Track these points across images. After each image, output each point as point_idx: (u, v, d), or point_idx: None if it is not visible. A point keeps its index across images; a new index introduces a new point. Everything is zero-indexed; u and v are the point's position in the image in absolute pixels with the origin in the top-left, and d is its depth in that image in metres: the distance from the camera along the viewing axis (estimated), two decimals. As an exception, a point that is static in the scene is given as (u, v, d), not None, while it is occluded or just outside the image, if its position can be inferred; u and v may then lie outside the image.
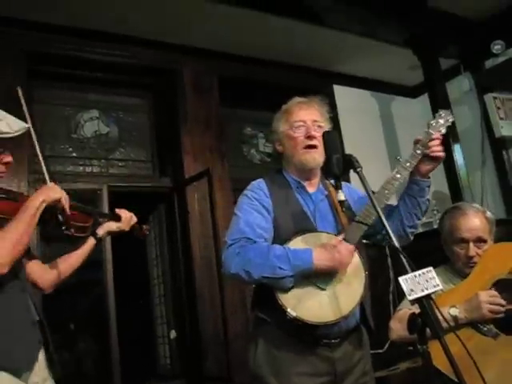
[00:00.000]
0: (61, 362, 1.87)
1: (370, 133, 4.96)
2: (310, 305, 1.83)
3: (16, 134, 1.74)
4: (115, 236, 2.34)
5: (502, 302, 2.03)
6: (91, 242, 2.16)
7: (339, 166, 1.70)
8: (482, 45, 4.68)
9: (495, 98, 4.52)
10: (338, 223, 2.02)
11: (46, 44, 3.70)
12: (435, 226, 4.75)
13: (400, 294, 2.49)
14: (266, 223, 1.98)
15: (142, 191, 4.13)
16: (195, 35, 4.11)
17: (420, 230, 4.97)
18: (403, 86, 5.44)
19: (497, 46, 4.58)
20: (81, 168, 3.97)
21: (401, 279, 1.41)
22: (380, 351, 4.20)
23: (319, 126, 2.05)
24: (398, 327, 2.20)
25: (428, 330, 1.42)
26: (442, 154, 1.98)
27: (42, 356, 1.75)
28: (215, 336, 3.74)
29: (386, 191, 1.94)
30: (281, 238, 1.95)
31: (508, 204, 4.53)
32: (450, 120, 2.02)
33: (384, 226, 1.59)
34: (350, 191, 2.18)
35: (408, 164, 1.97)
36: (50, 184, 1.83)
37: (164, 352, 4.33)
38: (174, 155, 4.14)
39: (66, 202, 1.79)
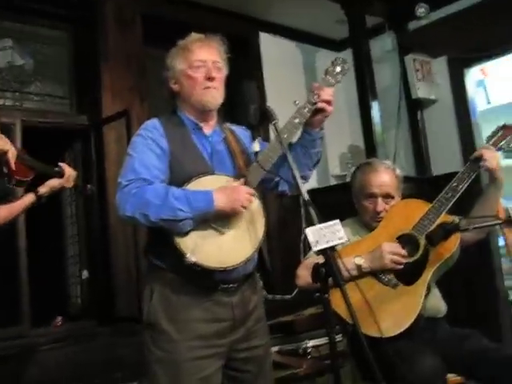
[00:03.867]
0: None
1: (292, 83, 4.99)
2: (209, 249, 1.81)
3: None
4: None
5: (403, 252, 2.17)
6: (30, 197, 2.07)
7: (256, 116, 1.72)
8: (407, 6, 4.76)
9: (414, 59, 4.65)
10: (236, 167, 2.01)
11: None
12: (348, 180, 4.92)
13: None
14: (161, 164, 1.92)
15: (57, 127, 3.96)
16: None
17: (333, 182, 5.16)
18: (329, 39, 5.47)
19: (421, 9, 4.68)
20: (-8, 100, 3.76)
21: (307, 230, 1.48)
22: (288, 297, 4.38)
23: (218, 68, 2.03)
24: (304, 274, 2.31)
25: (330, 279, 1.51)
26: (330, 108, 1.97)
27: None
28: (127, 276, 3.75)
29: (285, 136, 1.91)
30: (177, 180, 1.89)
31: (418, 163, 4.76)
32: (346, 68, 2.04)
33: (294, 176, 1.64)
34: (245, 136, 2.18)
35: (306, 110, 1.95)
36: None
37: (75, 292, 4.30)
38: (93, 92, 4.00)
39: (12, 155, 1.74)
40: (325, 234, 1.48)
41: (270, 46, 4.97)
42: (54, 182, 2.12)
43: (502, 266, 4.53)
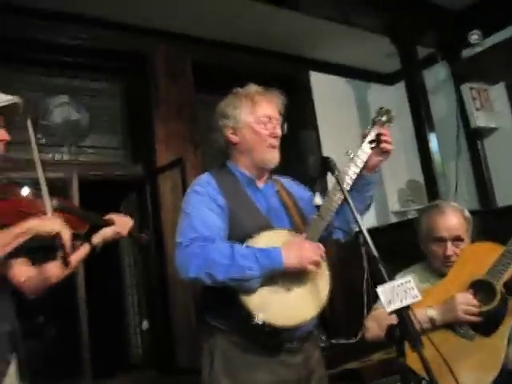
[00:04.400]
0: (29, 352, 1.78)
1: (345, 120, 4.92)
2: (276, 307, 1.73)
3: (4, 103, 1.65)
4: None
5: (477, 303, 2.02)
6: (85, 248, 2.03)
7: (316, 168, 1.64)
8: (459, 34, 4.64)
9: (471, 88, 4.49)
10: (291, 221, 1.94)
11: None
12: (410, 216, 4.76)
13: (375, 284, 2.47)
14: (221, 221, 1.83)
15: (112, 179, 4.02)
16: (168, 18, 4.00)
17: (393, 219, 5.00)
18: (380, 74, 5.40)
19: (474, 36, 4.56)
20: (50, 155, 3.84)
21: (379, 290, 1.38)
22: (352, 341, 4.21)
23: (280, 125, 1.97)
24: (373, 326, 2.17)
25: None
26: (391, 147, 1.95)
27: (13, 367, 1.66)
28: (187, 327, 3.69)
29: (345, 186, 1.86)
30: (237, 236, 1.81)
31: (481, 195, 4.55)
32: (392, 115, 1.99)
33: (358, 222, 1.55)
34: (298, 189, 2.13)
35: (359, 161, 1.92)
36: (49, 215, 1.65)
37: (136, 342, 4.27)
38: (146, 142, 4.05)
39: (67, 237, 1.61)
40: (398, 293, 1.37)
41: (320, 83, 4.92)
42: (106, 231, 2.07)
43: None
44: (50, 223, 1.60)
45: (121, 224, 2.09)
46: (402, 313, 1.36)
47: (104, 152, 4.11)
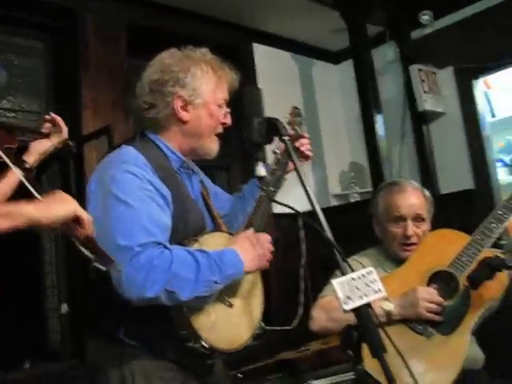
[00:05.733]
0: None
1: (288, 96, 4.68)
2: (222, 327, 1.47)
3: None
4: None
5: (441, 300, 1.83)
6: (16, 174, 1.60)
7: (262, 131, 1.36)
8: (410, 13, 4.48)
9: (420, 70, 4.34)
10: (212, 217, 1.69)
11: None
12: (351, 200, 4.60)
13: (313, 269, 2.28)
14: (167, 219, 1.48)
15: (32, 146, 3.63)
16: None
17: (334, 202, 4.83)
18: (326, 51, 5.17)
19: (425, 17, 4.40)
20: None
21: (334, 283, 1.13)
22: (288, 328, 4.02)
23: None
24: (321, 317, 1.97)
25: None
26: (310, 153, 1.93)
27: None
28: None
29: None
30: (177, 238, 1.49)
31: (425, 180, 4.41)
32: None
33: (310, 199, 1.30)
34: (206, 178, 1.87)
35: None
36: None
37: (54, 327, 3.93)
38: (72, 108, 3.66)
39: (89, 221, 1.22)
40: (357, 287, 1.13)
41: (264, 56, 4.65)
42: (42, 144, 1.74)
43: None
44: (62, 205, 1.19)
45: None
46: (362, 311, 1.12)
47: (24, 116, 3.70)
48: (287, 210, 1.66)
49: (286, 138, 1.35)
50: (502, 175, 4.73)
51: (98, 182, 1.54)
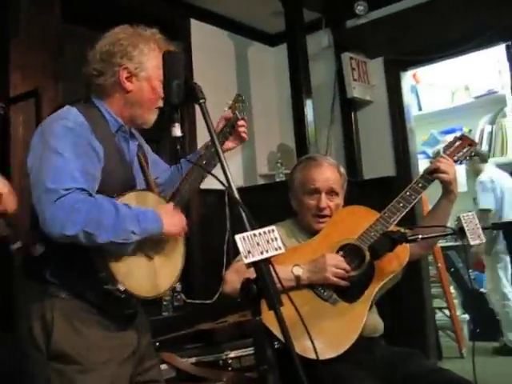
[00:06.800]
0: None
1: (222, 74, 4.71)
2: (139, 276, 1.61)
3: None
4: None
5: (347, 267, 1.94)
6: None
7: (179, 94, 1.42)
8: (345, 2, 4.60)
9: (351, 58, 4.47)
10: (147, 181, 1.84)
11: None
12: (277, 179, 4.70)
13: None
14: (97, 172, 1.63)
15: (-46, 106, 3.51)
16: None
17: (261, 181, 4.92)
18: (263, 33, 5.21)
19: (360, 7, 4.53)
20: None
21: (237, 237, 1.19)
22: (208, 302, 4.10)
23: None
24: (233, 279, 2.02)
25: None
26: (246, 136, 2.07)
27: None
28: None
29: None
30: (105, 192, 1.62)
31: (350, 165, 4.57)
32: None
33: (226, 173, 1.35)
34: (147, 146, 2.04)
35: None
36: None
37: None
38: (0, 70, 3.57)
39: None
40: (258, 243, 1.19)
41: (201, 33, 4.64)
42: None
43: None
44: None
45: None
46: (262, 266, 1.19)
47: None
48: (214, 186, 1.80)
49: (202, 101, 1.39)
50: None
51: (39, 135, 1.68)
